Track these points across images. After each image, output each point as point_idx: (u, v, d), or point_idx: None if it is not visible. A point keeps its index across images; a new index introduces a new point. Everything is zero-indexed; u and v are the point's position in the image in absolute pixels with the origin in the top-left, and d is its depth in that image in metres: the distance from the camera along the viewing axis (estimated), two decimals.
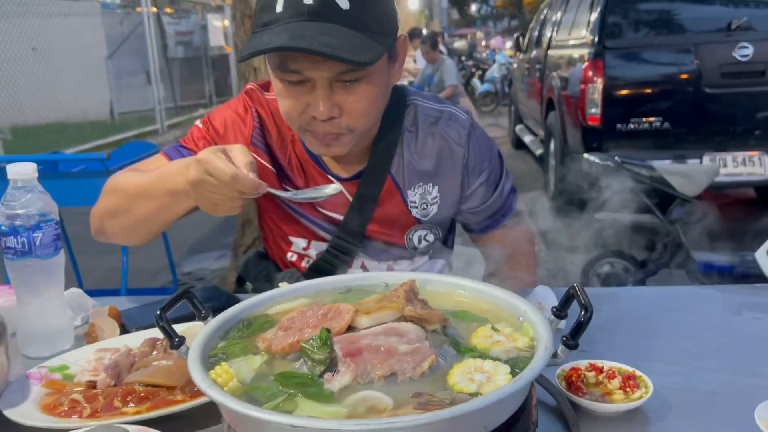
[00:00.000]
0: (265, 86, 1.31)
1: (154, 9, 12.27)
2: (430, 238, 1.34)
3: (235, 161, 0.94)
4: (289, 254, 1.39)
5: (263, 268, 1.45)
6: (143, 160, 1.31)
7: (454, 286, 0.88)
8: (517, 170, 7.68)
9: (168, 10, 14.41)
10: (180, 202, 1.08)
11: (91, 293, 1.29)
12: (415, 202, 1.29)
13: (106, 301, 1.29)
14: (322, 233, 1.33)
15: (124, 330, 1.14)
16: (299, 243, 1.36)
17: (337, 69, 1.03)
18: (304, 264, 1.38)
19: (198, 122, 1.30)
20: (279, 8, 1.02)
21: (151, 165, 1.25)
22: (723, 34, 4.86)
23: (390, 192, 1.28)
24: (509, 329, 0.77)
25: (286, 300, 0.89)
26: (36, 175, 1.06)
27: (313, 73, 1.04)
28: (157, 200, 1.10)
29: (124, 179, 1.20)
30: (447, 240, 1.46)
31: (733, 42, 4.76)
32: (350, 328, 0.74)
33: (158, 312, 0.74)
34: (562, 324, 1.13)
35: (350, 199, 1.28)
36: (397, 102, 1.28)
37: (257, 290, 1.46)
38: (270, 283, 1.41)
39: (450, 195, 1.31)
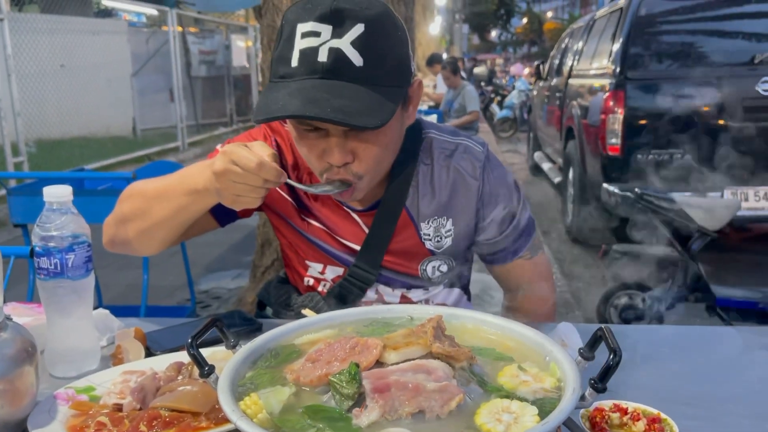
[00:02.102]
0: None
1: (180, 28, 12.51)
2: (444, 268, 1.34)
3: (258, 153, 1.01)
4: (306, 279, 1.40)
5: (284, 293, 1.47)
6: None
7: (481, 322, 0.89)
8: (535, 197, 7.67)
9: (193, 29, 14.68)
10: (199, 200, 1.12)
11: (110, 309, 1.31)
12: (428, 235, 1.30)
13: (127, 322, 1.31)
14: (337, 260, 1.35)
15: (148, 353, 1.16)
16: (316, 267, 1.37)
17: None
18: (321, 288, 1.40)
19: (219, 146, 1.33)
20: (294, 63, 1.05)
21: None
22: (746, 68, 4.85)
23: (404, 224, 1.30)
24: (536, 369, 0.77)
25: (313, 330, 0.89)
26: (71, 197, 1.08)
27: (327, 125, 1.08)
28: (176, 201, 1.14)
29: (142, 184, 1.24)
30: (463, 269, 1.46)
31: (756, 76, 4.74)
32: (378, 363, 0.74)
33: (189, 340, 0.75)
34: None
35: (365, 229, 1.30)
36: (413, 135, 1.30)
37: (277, 314, 1.48)
38: (289, 308, 1.43)
39: (464, 228, 1.32)
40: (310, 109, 1.00)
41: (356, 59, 1.03)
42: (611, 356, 0.69)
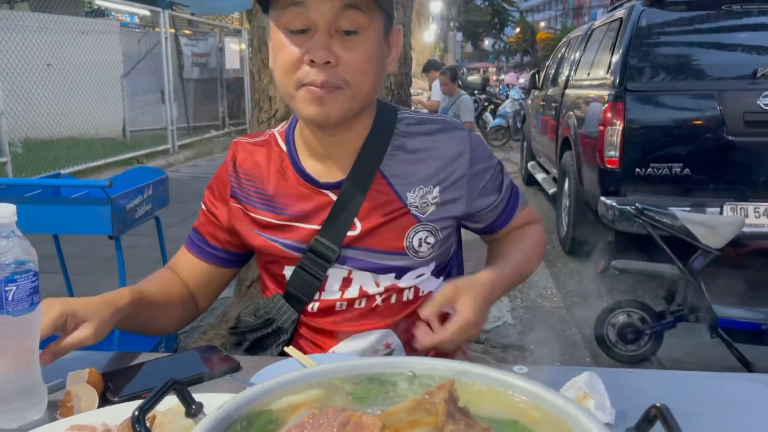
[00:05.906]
0: (252, 136, 1.38)
1: (173, 30, 12.33)
2: (431, 240, 1.27)
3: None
4: None
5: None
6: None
7: (499, 383, 0.73)
8: None
9: (186, 31, 14.50)
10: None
11: None
12: (415, 203, 1.25)
13: (86, 358, 1.15)
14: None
15: (105, 399, 1.00)
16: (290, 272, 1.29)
17: (339, 3, 1.07)
18: None
19: (202, 203, 1.40)
20: None
21: (179, 259, 1.41)
22: (748, 81, 4.74)
23: (385, 195, 1.24)
24: None
25: (294, 391, 0.74)
26: (15, 218, 0.92)
27: (314, 11, 1.08)
28: None
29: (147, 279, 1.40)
30: (449, 256, 1.38)
31: (758, 90, 4.64)
32: None
33: (136, 413, 0.60)
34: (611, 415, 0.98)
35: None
36: (389, 111, 1.30)
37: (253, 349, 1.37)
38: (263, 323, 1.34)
39: (453, 195, 1.28)
40: None
41: None
42: None
